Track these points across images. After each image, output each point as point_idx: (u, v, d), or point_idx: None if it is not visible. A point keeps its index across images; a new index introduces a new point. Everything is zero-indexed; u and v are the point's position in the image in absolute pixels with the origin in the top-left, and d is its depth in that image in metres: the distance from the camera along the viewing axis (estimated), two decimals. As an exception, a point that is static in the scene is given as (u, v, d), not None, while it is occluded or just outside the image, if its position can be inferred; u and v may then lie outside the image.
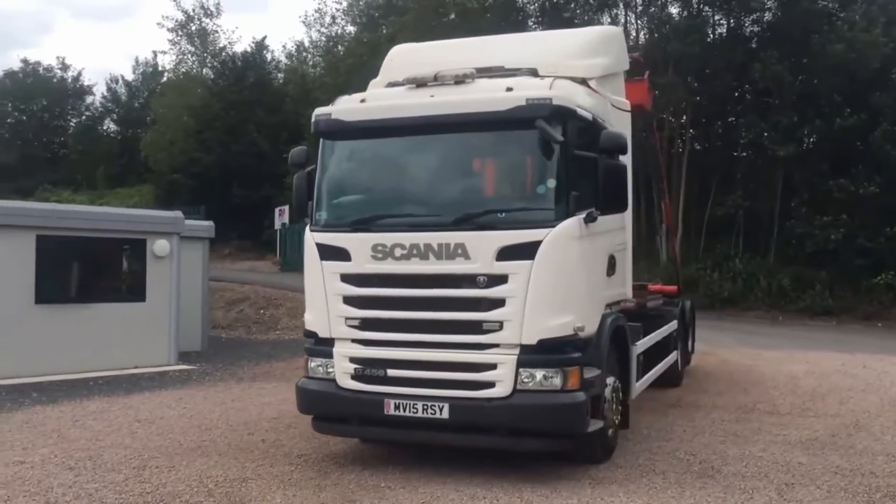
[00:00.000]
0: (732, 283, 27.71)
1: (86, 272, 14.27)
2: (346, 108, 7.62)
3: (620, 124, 8.69)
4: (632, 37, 31.43)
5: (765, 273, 27.70)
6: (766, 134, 27.91)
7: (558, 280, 6.84)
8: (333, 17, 46.77)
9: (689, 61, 28.88)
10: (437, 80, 7.39)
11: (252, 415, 10.07)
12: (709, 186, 30.26)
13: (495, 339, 6.86)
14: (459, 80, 7.34)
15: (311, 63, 48.03)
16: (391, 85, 7.88)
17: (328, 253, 7.37)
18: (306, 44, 49.90)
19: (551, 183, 6.94)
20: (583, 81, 7.89)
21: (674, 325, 12.00)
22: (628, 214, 8.79)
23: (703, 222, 30.50)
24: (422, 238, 7.03)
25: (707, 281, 28.13)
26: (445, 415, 6.92)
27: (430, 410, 6.95)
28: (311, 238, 7.49)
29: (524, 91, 6.95)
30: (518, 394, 6.80)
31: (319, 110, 7.69)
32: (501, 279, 6.81)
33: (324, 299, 7.39)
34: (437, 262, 6.97)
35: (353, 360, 7.29)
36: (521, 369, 6.79)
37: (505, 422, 6.87)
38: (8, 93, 55.21)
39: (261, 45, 46.02)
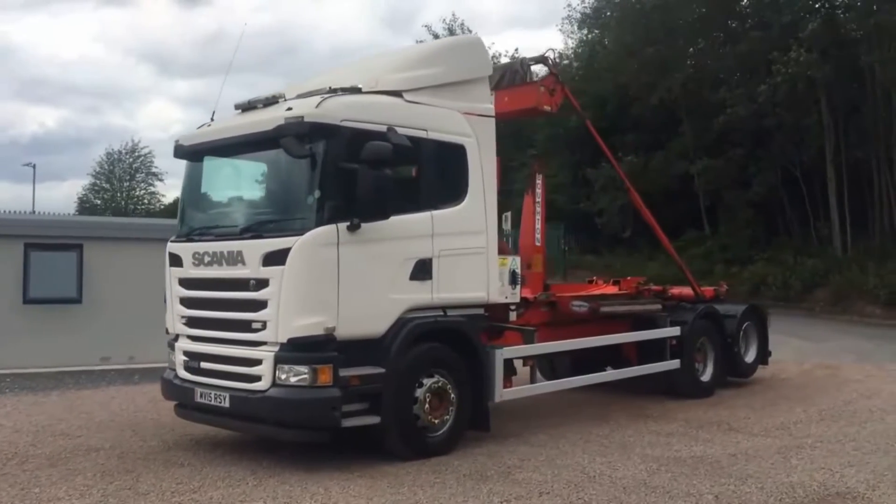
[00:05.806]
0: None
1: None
2: (192, 132, 8.79)
3: (479, 130, 8.70)
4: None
5: None
6: None
7: (304, 283, 7.34)
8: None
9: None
10: (252, 103, 8.27)
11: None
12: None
13: (261, 337, 7.56)
14: (267, 103, 8.16)
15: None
16: None
17: (172, 260, 8.56)
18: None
19: (316, 193, 7.44)
20: (397, 94, 8.22)
21: (668, 331, 11.34)
22: (492, 219, 8.82)
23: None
24: (219, 247, 7.96)
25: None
26: (227, 404, 7.76)
27: (217, 399, 7.85)
28: (167, 247, 8.76)
29: (293, 111, 7.56)
30: (275, 387, 7.42)
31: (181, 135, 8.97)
32: (265, 283, 7.49)
33: (170, 300, 8.61)
34: (226, 268, 7.84)
35: (185, 353, 8.40)
36: (278, 365, 7.41)
37: (268, 413, 7.52)
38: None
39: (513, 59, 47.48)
